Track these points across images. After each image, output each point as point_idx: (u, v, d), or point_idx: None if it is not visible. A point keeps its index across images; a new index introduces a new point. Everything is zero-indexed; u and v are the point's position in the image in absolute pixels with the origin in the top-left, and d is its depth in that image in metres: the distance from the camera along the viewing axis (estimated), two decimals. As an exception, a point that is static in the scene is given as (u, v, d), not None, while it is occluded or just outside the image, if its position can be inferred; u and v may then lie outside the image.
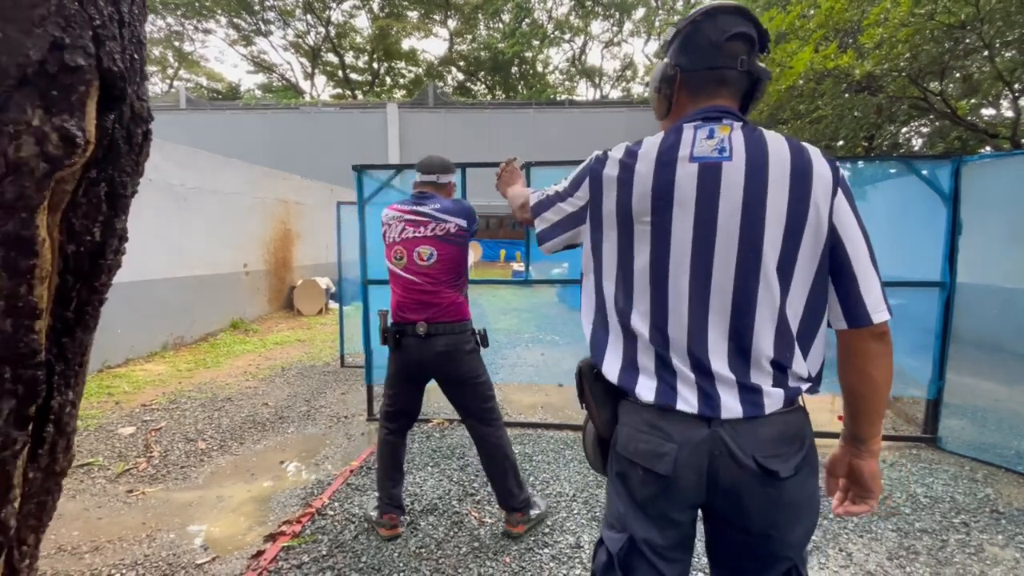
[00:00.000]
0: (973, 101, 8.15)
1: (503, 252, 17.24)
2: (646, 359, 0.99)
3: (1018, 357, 5.27)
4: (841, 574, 2.06)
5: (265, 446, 3.33)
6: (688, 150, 0.95)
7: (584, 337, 1.11)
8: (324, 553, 2.16)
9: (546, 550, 2.18)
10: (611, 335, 1.04)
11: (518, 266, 14.44)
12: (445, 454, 3.08)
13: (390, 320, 2.22)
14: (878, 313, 0.90)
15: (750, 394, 0.91)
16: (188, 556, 2.18)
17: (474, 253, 14.22)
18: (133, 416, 3.83)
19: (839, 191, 0.92)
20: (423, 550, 2.18)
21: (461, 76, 30.12)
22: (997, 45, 5.53)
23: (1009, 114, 7.89)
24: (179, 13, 23.36)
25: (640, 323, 0.99)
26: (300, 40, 27.23)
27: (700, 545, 1.44)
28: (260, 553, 2.17)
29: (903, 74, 6.36)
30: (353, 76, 29.55)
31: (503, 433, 2.28)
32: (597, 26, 28.25)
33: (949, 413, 3.40)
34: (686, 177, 0.94)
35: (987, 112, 8.97)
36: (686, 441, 0.92)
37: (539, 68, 29.03)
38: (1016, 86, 6.24)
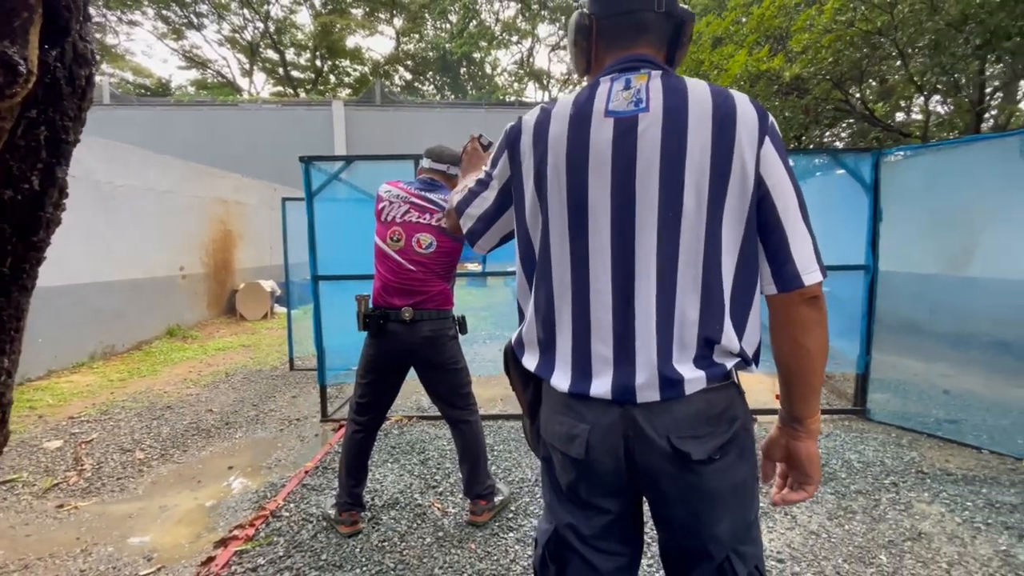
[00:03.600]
0: (887, 105, 8.87)
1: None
2: (563, 342, 0.90)
3: (934, 336, 5.79)
4: (788, 536, 2.19)
5: (211, 453, 3.16)
6: (603, 104, 0.86)
7: None
8: (281, 554, 2.08)
9: (511, 534, 2.20)
10: (530, 318, 0.96)
11: (473, 267, 14.41)
12: (405, 450, 3.04)
13: (371, 304, 2.14)
14: (809, 274, 0.81)
15: (670, 376, 0.82)
16: (130, 568, 2.03)
17: (427, 253, 14.11)
18: (59, 429, 3.54)
19: (767, 138, 0.82)
20: (386, 544, 2.14)
21: (409, 75, 29.74)
22: (910, 51, 6.06)
23: (919, 117, 8.66)
24: (101, 3, 21.75)
25: (560, 302, 0.90)
26: (236, 35, 25.99)
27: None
28: (211, 559, 2.06)
29: (827, 78, 6.84)
30: (295, 74, 28.50)
31: (478, 419, 2.27)
32: (544, 29, 28.71)
33: (875, 388, 3.69)
34: (601, 134, 0.84)
35: (900, 116, 9.80)
36: (598, 422, 0.86)
37: (488, 69, 29.12)
38: (926, 89, 6.86)
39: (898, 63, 6.52)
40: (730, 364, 0.84)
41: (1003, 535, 2.18)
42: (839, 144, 10.09)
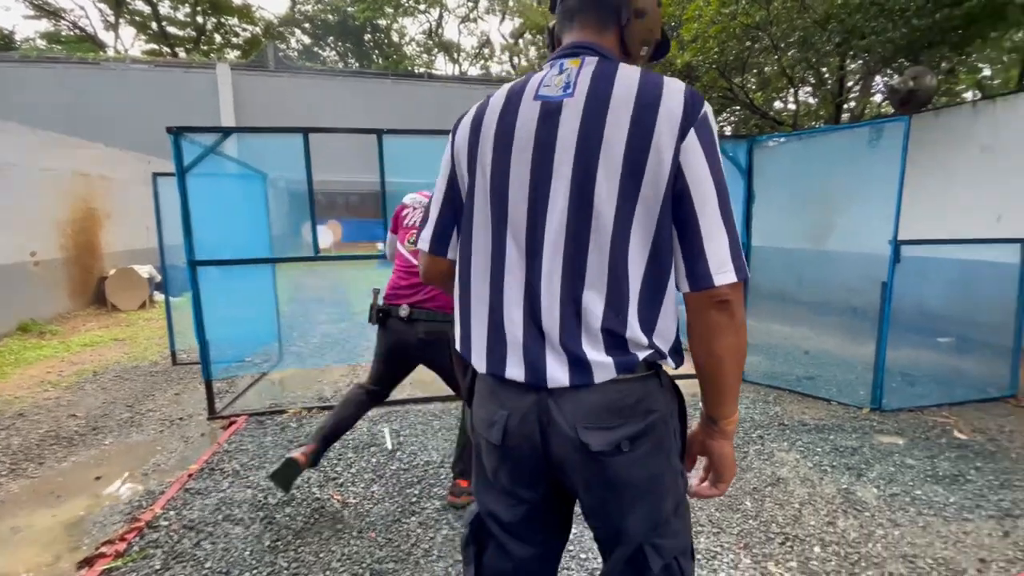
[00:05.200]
0: (765, 95, 9.72)
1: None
2: (480, 324, 0.91)
3: (799, 304, 6.56)
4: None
5: (74, 463, 2.81)
6: (535, 89, 0.87)
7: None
8: (158, 567, 1.91)
9: (413, 518, 2.19)
10: (457, 301, 0.96)
11: (383, 246, 13.90)
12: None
13: (381, 299, 2.24)
14: (721, 274, 0.77)
15: (578, 362, 0.82)
16: (-35, 606, 1.77)
17: (333, 234, 13.39)
18: None
19: (691, 132, 0.79)
20: (279, 543, 2.05)
21: (307, 39, 27.56)
22: (782, 45, 6.66)
23: (792, 106, 9.59)
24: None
25: (479, 285, 0.91)
26: (96, -20, 22.42)
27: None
28: (71, 583, 1.85)
29: (714, 67, 7.33)
30: (172, 30, 25.24)
31: None
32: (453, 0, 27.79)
33: (751, 352, 4.11)
34: (527, 117, 0.85)
35: (778, 105, 10.79)
36: (515, 409, 0.86)
37: (394, 38, 27.77)
38: (796, 81, 7.58)
39: (775, 56, 7.15)
40: (643, 355, 0.82)
41: (845, 475, 2.56)
42: (728, 130, 10.93)
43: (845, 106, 8.24)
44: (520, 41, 21.67)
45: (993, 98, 4.95)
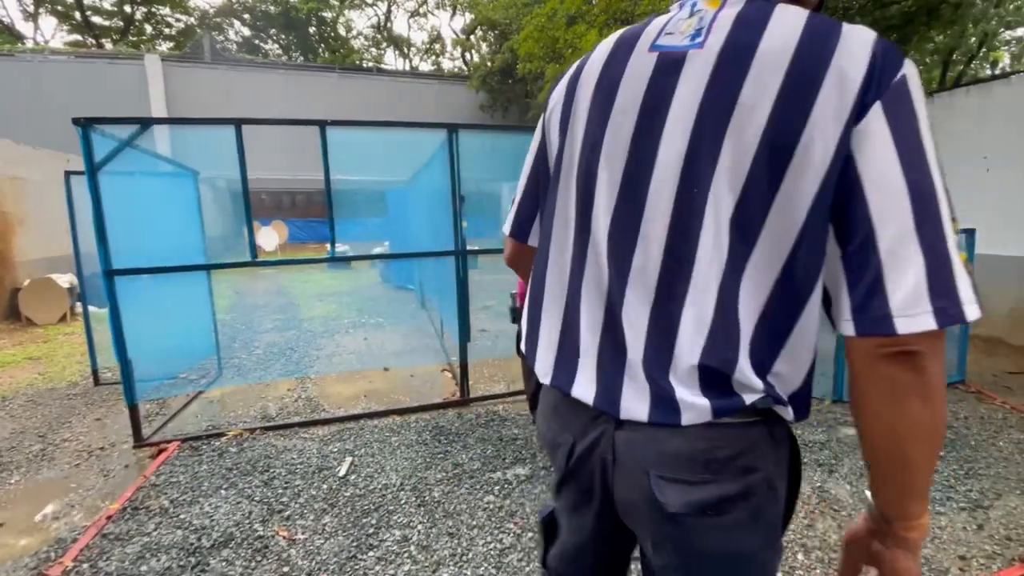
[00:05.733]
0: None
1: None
2: (550, 328, 0.76)
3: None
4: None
5: (-34, 510, 2.40)
6: (654, 36, 0.67)
7: (411, 317, 0.89)
8: (62, 639, 1.61)
9: (370, 554, 1.96)
10: (528, 295, 0.83)
11: (339, 247, 13.34)
12: (244, 471, 2.60)
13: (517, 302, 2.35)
14: (908, 317, 0.52)
15: (663, 397, 0.64)
16: None
17: (278, 236, 12.74)
18: None
19: (876, 107, 0.54)
20: (214, 595, 1.78)
21: (247, 31, 26.20)
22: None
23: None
24: None
25: (553, 280, 0.76)
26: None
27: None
28: (-53, 669, 1.52)
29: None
30: (97, 20, 23.37)
31: None
32: (401, -7, 27.08)
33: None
34: (636, 72, 0.66)
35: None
36: (581, 435, 0.72)
37: (341, 31, 26.83)
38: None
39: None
40: (751, 399, 0.61)
41: (816, 472, 2.52)
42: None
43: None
44: (472, 37, 21.35)
45: (931, 95, 5.16)
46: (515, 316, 2.32)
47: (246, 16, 25.44)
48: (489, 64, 16.16)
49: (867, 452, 0.62)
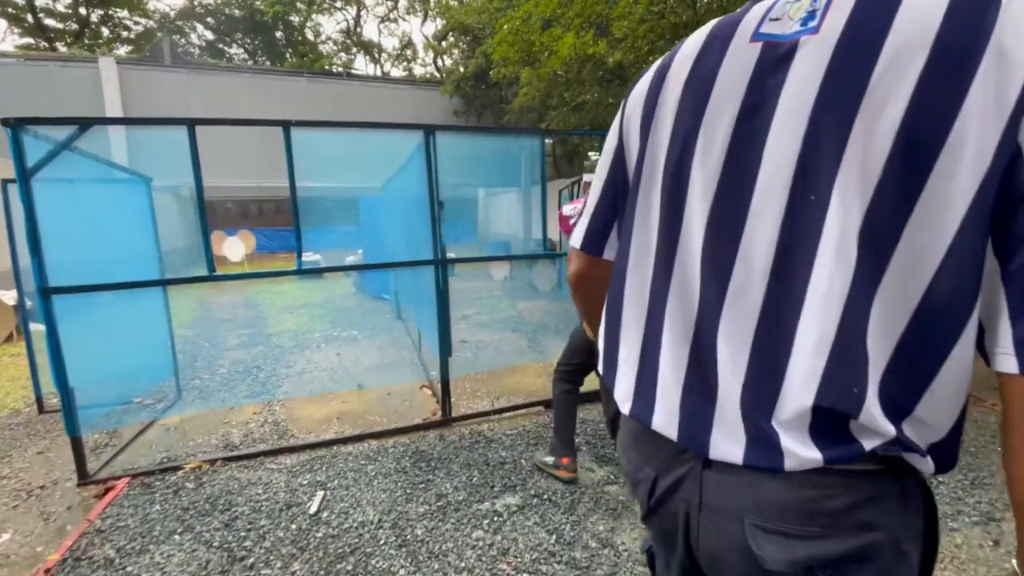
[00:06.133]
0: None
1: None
2: (630, 352, 0.69)
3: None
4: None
5: None
6: (756, 23, 0.57)
7: (386, 329, 0.73)
8: None
9: (347, 607, 1.74)
10: (605, 314, 0.76)
11: (307, 256, 12.91)
12: (202, 510, 2.33)
13: None
14: None
15: (763, 440, 0.55)
16: None
17: (245, 245, 12.24)
18: None
19: None
20: (162, 669, 1.53)
21: (211, 35, 25.43)
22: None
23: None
24: None
25: (633, 301, 0.69)
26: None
27: None
28: None
29: (644, 66, 7.33)
30: (50, 23, 22.30)
31: None
32: (370, -3, 26.72)
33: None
34: (736, 65, 0.57)
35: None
36: (664, 473, 0.64)
37: (309, 36, 26.29)
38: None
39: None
40: (872, 445, 0.51)
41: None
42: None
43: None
44: (444, 42, 21.18)
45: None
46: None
47: (209, 19, 24.68)
48: (462, 69, 16.01)
49: (1019, 513, 0.50)
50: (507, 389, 3.87)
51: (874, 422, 0.50)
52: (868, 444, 0.51)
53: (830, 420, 0.52)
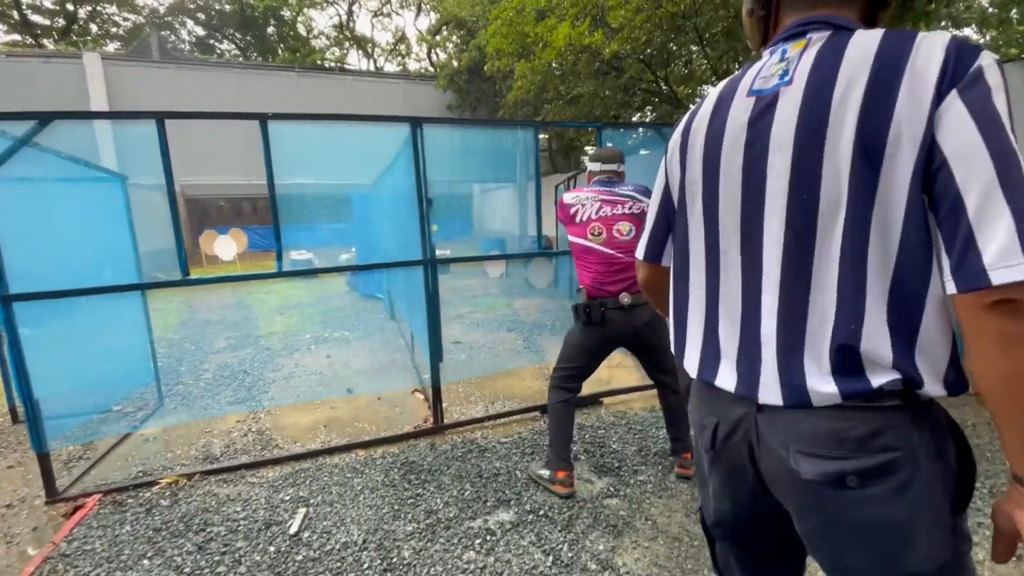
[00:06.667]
0: (688, 88, 9.84)
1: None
2: (695, 330, 0.91)
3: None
4: (653, 548, 1.98)
5: None
6: (749, 83, 0.80)
7: (379, 330, 0.78)
8: None
9: (325, 642, 1.60)
10: (672, 306, 0.98)
11: (297, 255, 12.73)
12: (176, 531, 2.18)
13: (586, 296, 2.29)
14: (1002, 269, 0.58)
15: (792, 382, 0.75)
16: None
17: (236, 244, 12.05)
18: None
19: (952, 94, 0.61)
20: None
21: (201, 31, 25.07)
22: (707, 36, 6.60)
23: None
24: None
25: (694, 291, 0.91)
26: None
27: None
28: None
29: (640, 59, 7.16)
30: (36, 19, 21.91)
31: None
32: (363, -9, 26.38)
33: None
34: (737, 117, 0.80)
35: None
36: (724, 418, 0.85)
37: (301, 31, 25.95)
38: (718, 73, 7.61)
39: (702, 46, 7.09)
40: (880, 381, 0.69)
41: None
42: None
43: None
44: (437, 36, 20.90)
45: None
46: (581, 313, 2.28)
47: (200, 15, 24.32)
48: (456, 63, 15.79)
49: (989, 408, 0.65)
50: (502, 393, 3.73)
51: (877, 356, 0.68)
52: (876, 381, 0.69)
53: (843, 359, 0.70)
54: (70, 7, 22.16)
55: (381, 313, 7.02)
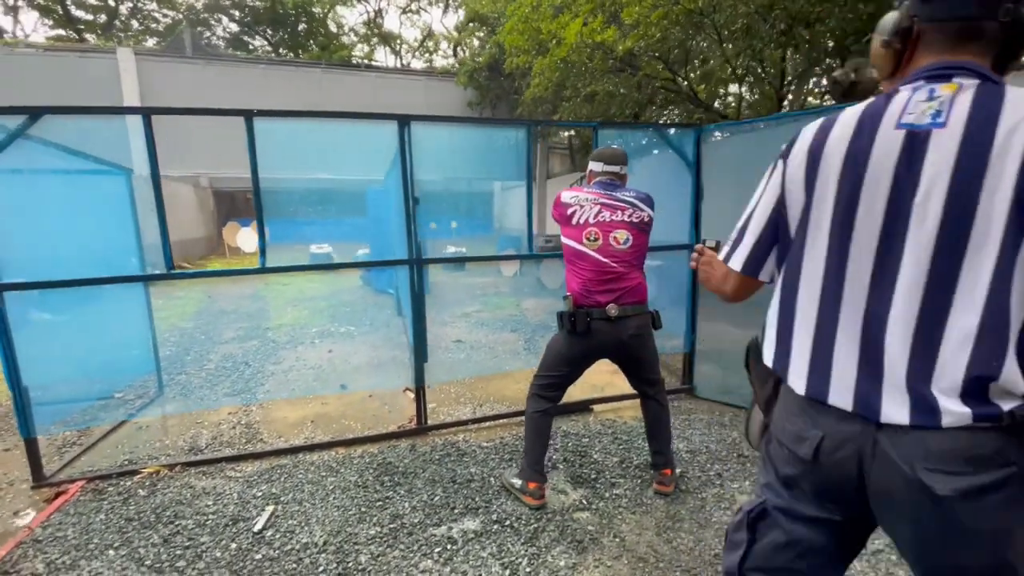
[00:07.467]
0: (708, 88, 9.57)
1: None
2: (803, 345, 0.93)
3: (756, 305, 6.30)
4: (616, 567, 1.90)
5: None
6: (897, 115, 0.82)
7: (385, 325, 0.72)
8: None
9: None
10: (776, 318, 0.99)
11: (317, 248, 12.91)
12: (146, 521, 2.21)
13: (572, 304, 2.21)
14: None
15: (924, 403, 0.79)
16: None
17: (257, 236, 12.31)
18: None
19: None
20: None
21: (235, 27, 25.68)
22: (726, 33, 6.38)
23: (734, 102, 9.46)
24: None
25: (806, 307, 0.92)
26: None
27: None
28: None
29: (656, 56, 6.99)
30: (79, 14, 22.78)
31: (665, 398, 2.41)
32: (392, -11, 26.59)
33: (701, 360, 3.70)
34: (885, 147, 0.82)
35: (717, 104, 10.68)
36: (833, 431, 0.87)
37: (331, 28, 26.33)
38: (738, 71, 7.38)
39: (719, 43, 6.88)
40: (1009, 406, 0.76)
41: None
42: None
43: (784, 103, 8.14)
44: (462, 32, 20.91)
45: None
46: (566, 322, 2.18)
47: (235, 12, 24.91)
48: (476, 60, 15.75)
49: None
50: (493, 395, 3.68)
51: (1012, 384, 0.75)
52: (1006, 406, 0.76)
53: (975, 386, 0.76)
54: (112, 2, 22.96)
55: (390, 309, 7.06)
